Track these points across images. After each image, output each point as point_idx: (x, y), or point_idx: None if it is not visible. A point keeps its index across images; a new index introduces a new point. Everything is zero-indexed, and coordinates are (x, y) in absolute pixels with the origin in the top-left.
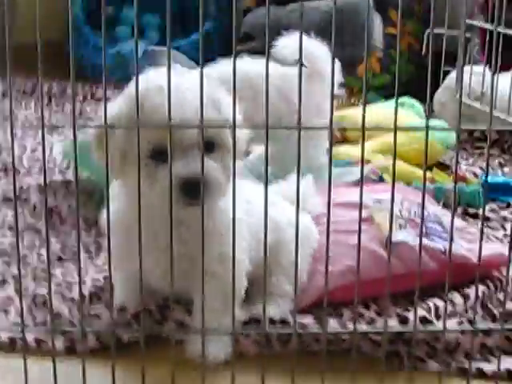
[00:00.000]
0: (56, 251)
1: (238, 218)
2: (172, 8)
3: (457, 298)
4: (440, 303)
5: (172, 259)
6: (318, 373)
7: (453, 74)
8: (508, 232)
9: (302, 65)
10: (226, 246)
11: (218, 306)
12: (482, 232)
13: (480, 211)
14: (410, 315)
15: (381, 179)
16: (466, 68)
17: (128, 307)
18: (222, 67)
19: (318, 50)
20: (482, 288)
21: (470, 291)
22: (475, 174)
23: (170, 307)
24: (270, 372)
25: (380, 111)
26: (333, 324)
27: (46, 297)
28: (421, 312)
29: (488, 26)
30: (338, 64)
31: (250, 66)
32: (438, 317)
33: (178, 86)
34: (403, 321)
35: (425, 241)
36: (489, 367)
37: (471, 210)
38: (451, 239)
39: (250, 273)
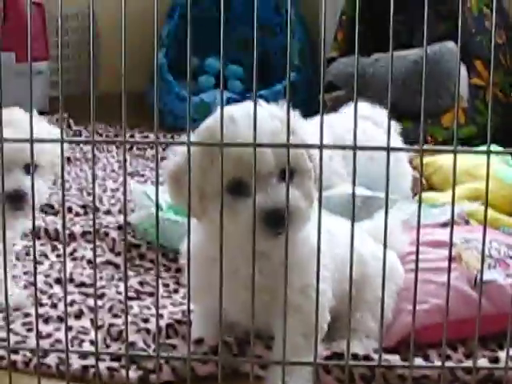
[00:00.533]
0: (134, 286)
1: (321, 248)
2: (252, 56)
3: None
4: None
5: (253, 292)
6: None
7: None
8: None
9: None
10: (308, 276)
11: (300, 340)
12: None
13: None
14: (501, 355)
15: (467, 224)
16: None
17: (206, 340)
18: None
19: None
20: None
21: None
22: None
23: (249, 342)
24: None
25: (470, 159)
26: (419, 362)
27: (122, 328)
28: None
29: None
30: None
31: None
32: None
33: (250, 113)
34: (493, 360)
35: None
36: None
37: None
38: None
39: (333, 308)
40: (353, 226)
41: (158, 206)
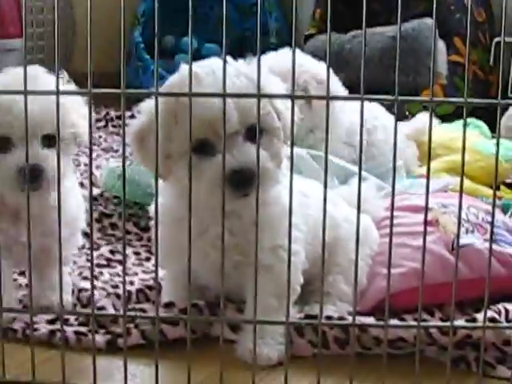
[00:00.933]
0: (105, 254)
1: (293, 208)
2: (229, 36)
3: None
4: (510, 307)
5: (223, 251)
6: (377, 376)
7: None
8: None
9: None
10: (279, 236)
11: (272, 302)
12: None
13: None
14: (478, 316)
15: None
16: None
17: (176, 303)
18: None
19: None
20: None
21: None
22: None
23: (219, 305)
24: (326, 376)
25: (446, 133)
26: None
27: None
28: (490, 313)
29: None
30: None
31: None
32: (508, 321)
33: (214, 70)
34: (471, 321)
35: (493, 246)
36: None
37: None
38: None
39: (306, 271)
40: (325, 188)
41: (124, 156)
